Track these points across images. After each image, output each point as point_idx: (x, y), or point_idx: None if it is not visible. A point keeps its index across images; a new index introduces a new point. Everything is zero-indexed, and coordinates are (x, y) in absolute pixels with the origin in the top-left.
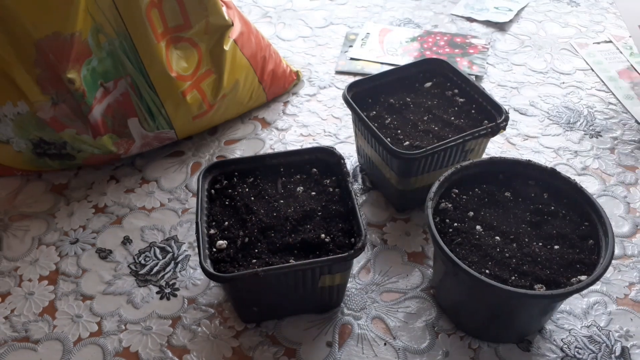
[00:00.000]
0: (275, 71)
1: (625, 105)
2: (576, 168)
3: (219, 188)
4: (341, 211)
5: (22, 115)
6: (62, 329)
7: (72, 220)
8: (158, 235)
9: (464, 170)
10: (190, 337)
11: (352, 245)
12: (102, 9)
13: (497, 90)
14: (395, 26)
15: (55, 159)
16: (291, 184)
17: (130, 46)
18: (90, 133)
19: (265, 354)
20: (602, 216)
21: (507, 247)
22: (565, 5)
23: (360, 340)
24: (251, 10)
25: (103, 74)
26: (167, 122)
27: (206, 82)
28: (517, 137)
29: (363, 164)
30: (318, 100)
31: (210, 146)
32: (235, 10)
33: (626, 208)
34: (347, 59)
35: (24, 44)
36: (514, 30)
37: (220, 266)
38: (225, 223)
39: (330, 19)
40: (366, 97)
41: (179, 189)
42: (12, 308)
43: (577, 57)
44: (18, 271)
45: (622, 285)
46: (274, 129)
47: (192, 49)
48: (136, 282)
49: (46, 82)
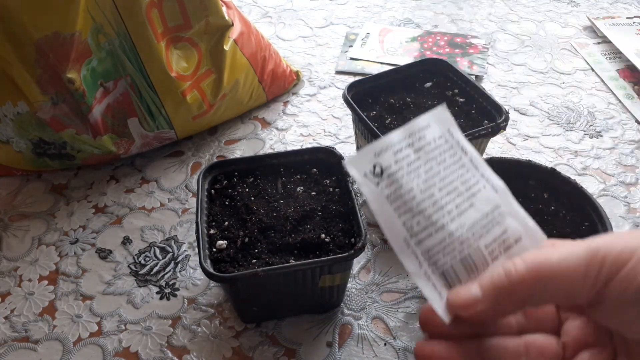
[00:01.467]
0: (275, 71)
1: (625, 105)
2: (576, 168)
3: (219, 188)
4: (341, 211)
5: (22, 115)
6: (62, 329)
7: (72, 220)
8: (158, 235)
9: None
10: (190, 337)
11: (352, 245)
12: (102, 9)
13: (497, 90)
14: (395, 26)
15: (55, 159)
16: (291, 184)
17: (130, 46)
18: (90, 133)
19: (265, 354)
20: (602, 216)
21: None
22: (565, 5)
23: (360, 341)
24: (251, 10)
25: (103, 74)
26: (167, 122)
27: (206, 82)
28: (517, 137)
29: None
30: (318, 100)
31: (210, 146)
32: (235, 10)
33: (626, 208)
34: (347, 59)
35: (24, 43)
36: (514, 30)
37: (220, 266)
38: (225, 223)
39: (330, 19)
40: (366, 97)
41: (179, 189)
42: (12, 308)
43: (577, 57)
44: (18, 271)
45: None
46: (274, 129)
47: (192, 49)
48: (136, 282)
49: (46, 82)
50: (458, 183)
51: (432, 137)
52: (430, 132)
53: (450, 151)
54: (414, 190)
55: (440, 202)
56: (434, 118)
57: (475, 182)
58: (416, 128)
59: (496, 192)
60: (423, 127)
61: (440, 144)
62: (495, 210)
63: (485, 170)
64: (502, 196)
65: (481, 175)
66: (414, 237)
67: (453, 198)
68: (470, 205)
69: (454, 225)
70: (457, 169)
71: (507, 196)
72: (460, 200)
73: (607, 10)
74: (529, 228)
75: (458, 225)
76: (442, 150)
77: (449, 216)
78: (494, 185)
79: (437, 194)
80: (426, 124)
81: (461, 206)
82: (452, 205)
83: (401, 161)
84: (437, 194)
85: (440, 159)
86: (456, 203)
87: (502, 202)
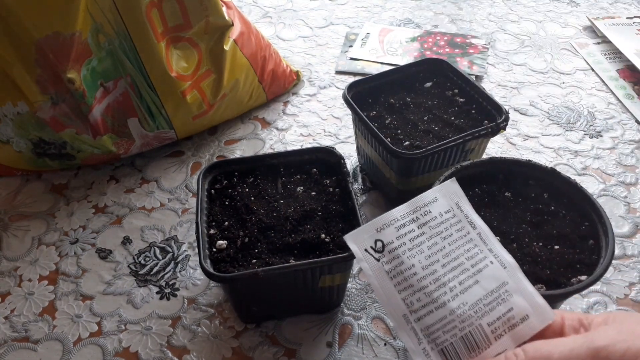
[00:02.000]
0: (275, 71)
1: (625, 105)
2: (576, 168)
3: (219, 188)
4: (341, 211)
5: (22, 115)
6: (62, 329)
7: (72, 220)
8: (158, 235)
9: (464, 170)
10: (190, 337)
11: None
12: (102, 8)
13: (497, 90)
14: (395, 26)
15: (55, 159)
16: (291, 184)
17: (130, 46)
18: (90, 133)
19: (265, 354)
20: (602, 216)
21: (507, 247)
22: (565, 5)
23: (360, 341)
24: (251, 10)
25: (103, 74)
26: (167, 121)
27: (206, 82)
28: (517, 137)
29: (363, 164)
30: (318, 100)
31: (210, 146)
32: (235, 10)
33: (626, 208)
34: (347, 59)
35: (24, 43)
36: (514, 30)
37: (220, 266)
38: (225, 223)
39: (330, 19)
40: (366, 97)
41: (179, 189)
42: (12, 308)
43: (577, 57)
44: (18, 271)
45: (622, 285)
46: (274, 129)
47: (192, 48)
48: (136, 282)
49: (46, 82)
50: (463, 259)
51: (438, 211)
52: (436, 207)
53: (457, 225)
54: (416, 267)
55: (442, 278)
56: (442, 191)
57: (483, 258)
58: (422, 203)
59: (504, 269)
60: (429, 202)
61: (447, 218)
62: (502, 287)
63: (495, 245)
64: (511, 272)
65: (489, 250)
66: (414, 314)
67: (457, 274)
68: (475, 282)
69: (455, 303)
70: (464, 243)
71: (516, 272)
72: (464, 276)
73: (607, 10)
74: (537, 306)
75: (460, 302)
76: (448, 225)
77: (451, 293)
78: (503, 261)
79: (440, 270)
80: (432, 198)
81: (465, 283)
82: (456, 282)
83: (404, 237)
84: (440, 270)
85: (446, 233)
86: (460, 280)
87: (510, 278)
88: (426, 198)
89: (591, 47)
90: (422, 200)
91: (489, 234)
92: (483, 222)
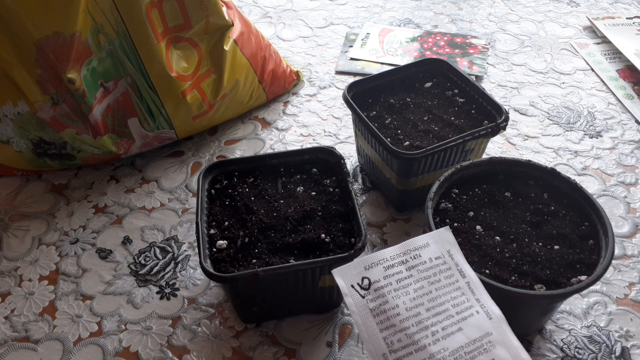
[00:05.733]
0: (276, 71)
1: (625, 105)
2: (576, 168)
3: (219, 188)
4: (341, 211)
5: (22, 115)
6: (62, 329)
7: (72, 220)
8: (158, 235)
9: (464, 170)
10: (190, 337)
11: (352, 245)
12: (102, 9)
13: (497, 90)
14: (395, 26)
15: (55, 159)
16: (291, 184)
17: (130, 46)
18: (90, 133)
19: (265, 354)
20: (602, 216)
21: (507, 247)
22: (565, 5)
23: (360, 341)
24: (251, 10)
25: (103, 74)
26: (167, 122)
27: (206, 82)
28: (517, 137)
29: (363, 164)
30: (318, 100)
31: (210, 146)
32: (235, 10)
33: (626, 208)
34: (347, 59)
35: (25, 43)
36: (514, 30)
37: (220, 266)
38: (225, 223)
39: (330, 19)
40: (366, 97)
41: (179, 189)
42: (12, 308)
43: (577, 57)
44: (18, 271)
45: (622, 285)
46: (274, 129)
47: (192, 49)
48: (136, 282)
49: (46, 82)
50: (449, 305)
51: (428, 256)
52: (427, 252)
53: (446, 272)
54: (400, 307)
55: (425, 322)
56: (435, 238)
57: (469, 307)
58: (413, 246)
59: (490, 319)
60: (421, 246)
61: (437, 264)
62: (485, 337)
63: (482, 295)
64: (496, 324)
65: (476, 299)
66: (393, 354)
67: (441, 320)
68: (459, 329)
69: (436, 347)
70: (451, 290)
71: (501, 324)
72: (448, 322)
73: (607, 11)
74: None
75: (441, 347)
76: (437, 271)
77: (433, 337)
78: (489, 312)
79: (424, 313)
80: (424, 243)
81: (448, 329)
82: (439, 326)
83: (391, 277)
84: (424, 313)
85: (434, 279)
86: (443, 325)
87: (495, 330)
88: (418, 242)
89: (591, 47)
90: (414, 244)
91: (478, 284)
92: (474, 273)
